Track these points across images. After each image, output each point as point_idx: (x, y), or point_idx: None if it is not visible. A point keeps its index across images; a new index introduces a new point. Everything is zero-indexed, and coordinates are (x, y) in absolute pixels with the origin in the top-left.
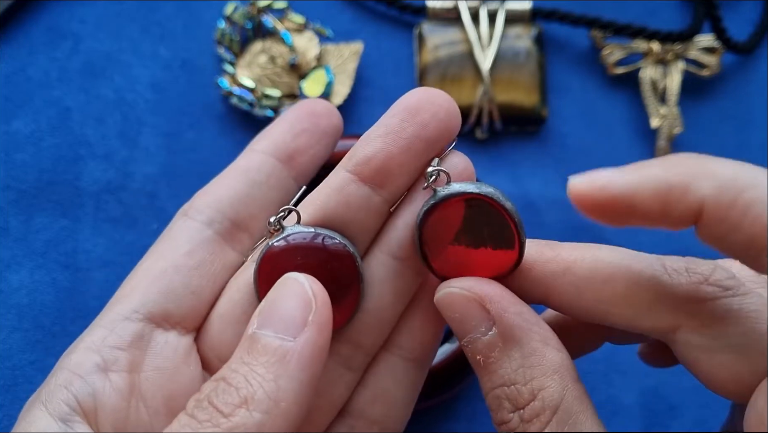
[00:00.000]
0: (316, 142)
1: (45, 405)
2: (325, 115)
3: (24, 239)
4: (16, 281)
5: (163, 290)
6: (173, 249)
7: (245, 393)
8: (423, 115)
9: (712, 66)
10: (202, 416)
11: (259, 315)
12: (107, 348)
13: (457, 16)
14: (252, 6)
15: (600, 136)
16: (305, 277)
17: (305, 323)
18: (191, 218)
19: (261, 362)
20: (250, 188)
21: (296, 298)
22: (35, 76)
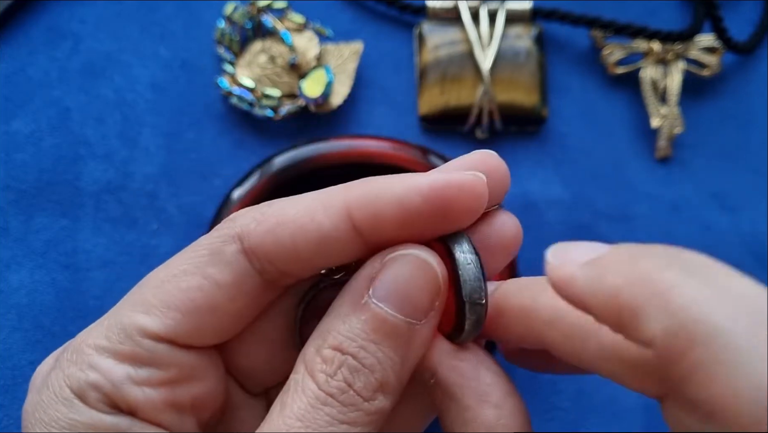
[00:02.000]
0: (419, 233)
1: (83, 400)
2: (462, 212)
3: (24, 239)
4: (16, 281)
5: (193, 326)
6: (216, 288)
7: (380, 376)
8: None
9: (712, 66)
10: (345, 399)
11: (376, 287)
12: (140, 364)
13: (457, 16)
14: (252, 6)
15: (600, 136)
16: (434, 257)
17: (432, 307)
18: (247, 257)
19: (389, 344)
20: (317, 259)
21: (428, 283)
22: (35, 76)
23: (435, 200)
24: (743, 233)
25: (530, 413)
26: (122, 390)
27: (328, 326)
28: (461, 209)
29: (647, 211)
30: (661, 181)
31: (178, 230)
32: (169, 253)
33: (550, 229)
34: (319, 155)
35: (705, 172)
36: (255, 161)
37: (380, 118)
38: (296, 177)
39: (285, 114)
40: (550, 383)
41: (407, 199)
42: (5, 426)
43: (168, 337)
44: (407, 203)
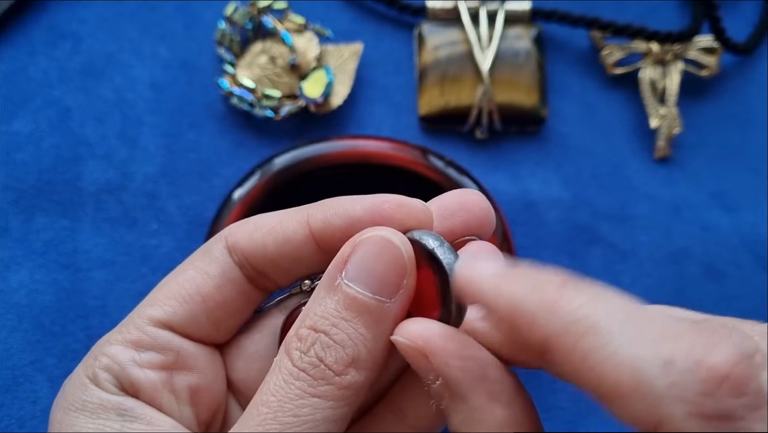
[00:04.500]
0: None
1: (94, 381)
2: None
3: (24, 239)
4: (16, 281)
5: (188, 313)
6: (206, 278)
7: (351, 352)
8: (463, 215)
9: (711, 66)
10: (315, 373)
11: (346, 269)
12: (143, 348)
13: (457, 16)
14: (252, 6)
15: (600, 136)
16: (399, 238)
17: (401, 286)
18: (229, 252)
19: (360, 321)
20: (281, 258)
21: (394, 262)
22: (35, 76)
23: (375, 214)
24: (743, 233)
25: None
26: (127, 371)
27: (307, 309)
28: (398, 227)
29: (647, 211)
30: (660, 182)
31: (178, 230)
32: (169, 253)
33: (550, 229)
34: (319, 155)
35: (704, 172)
36: (255, 161)
37: (380, 118)
38: (296, 177)
39: (285, 114)
40: (550, 382)
41: (351, 209)
42: (5, 426)
43: (167, 323)
44: (352, 213)
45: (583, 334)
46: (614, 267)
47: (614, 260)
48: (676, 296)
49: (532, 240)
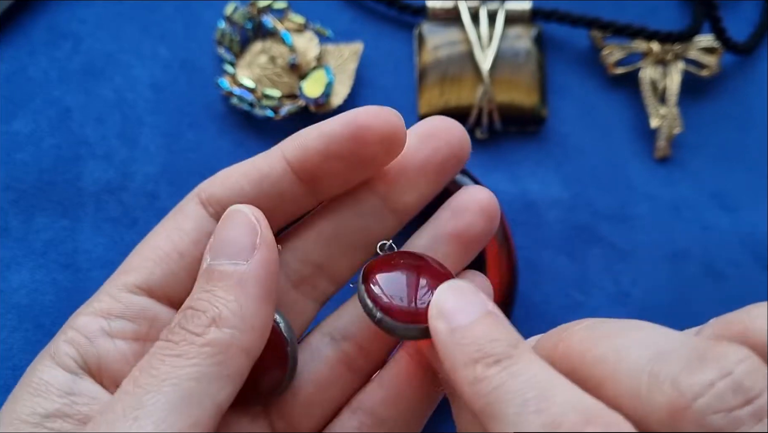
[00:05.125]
0: (348, 168)
1: (53, 358)
2: (375, 142)
3: (24, 239)
4: (16, 281)
5: (166, 273)
6: (181, 234)
7: (212, 314)
8: (437, 141)
9: (711, 66)
10: (177, 338)
11: (210, 250)
12: (114, 316)
13: (457, 16)
14: (252, 6)
15: (599, 136)
16: (246, 206)
17: (254, 246)
18: (203, 206)
19: (220, 286)
20: (259, 194)
21: (242, 226)
22: (35, 76)
23: (351, 124)
24: (743, 233)
25: None
26: (96, 343)
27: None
28: (376, 136)
29: (647, 211)
30: (660, 182)
31: None
32: None
33: (550, 229)
34: None
35: (704, 172)
36: None
37: None
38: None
39: (285, 114)
40: None
41: (327, 127)
42: None
43: (144, 286)
44: (327, 130)
45: (491, 418)
46: (614, 267)
47: (614, 260)
48: (676, 296)
49: (532, 240)
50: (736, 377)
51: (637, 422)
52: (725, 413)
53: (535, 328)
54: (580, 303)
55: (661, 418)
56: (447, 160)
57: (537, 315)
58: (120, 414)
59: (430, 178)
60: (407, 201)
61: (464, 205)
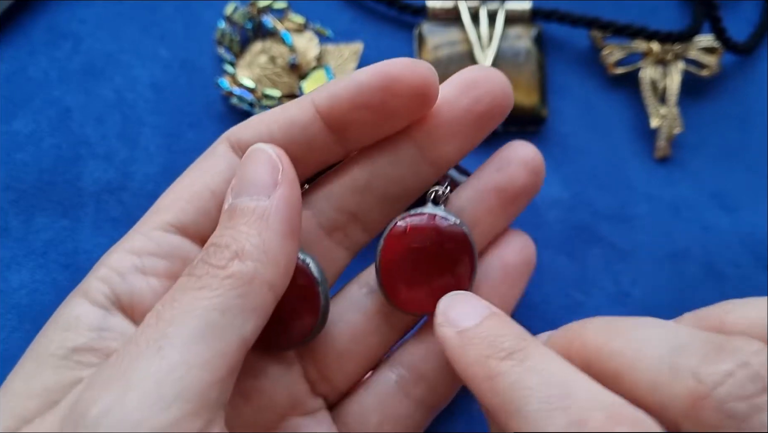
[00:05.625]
0: (378, 119)
1: (85, 295)
2: (405, 93)
3: (24, 239)
4: (16, 281)
5: (198, 211)
6: (213, 174)
7: (235, 248)
8: (478, 91)
9: (711, 66)
10: (200, 272)
11: (232, 189)
12: (146, 254)
13: (457, 16)
14: (252, 6)
15: (600, 136)
16: (267, 144)
17: (276, 183)
18: (234, 149)
19: (243, 222)
20: (289, 141)
21: (263, 164)
22: (35, 76)
23: (381, 74)
24: (743, 233)
25: None
26: (127, 280)
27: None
28: (406, 88)
29: (647, 211)
30: (660, 182)
31: None
32: None
33: (550, 229)
34: None
35: (704, 172)
36: None
37: None
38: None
39: None
40: None
41: (357, 76)
42: None
43: (177, 224)
44: (357, 79)
45: (511, 415)
46: (614, 267)
47: (614, 260)
48: (676, 296)
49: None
50: (754, 367)
51: (656, 412)
52: (745, 401)
53: (535, 328)
54: (580, 303)
55: (682, 407)
56: (488, 110)
57: (537, 315)
58: (143, 346)
59: (470, 129)
60: (446, 152)
61: (508, 159)
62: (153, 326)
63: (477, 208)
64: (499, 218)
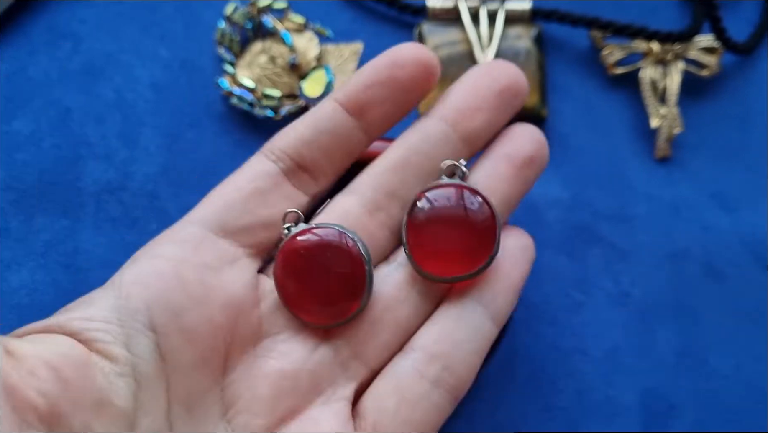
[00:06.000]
0: (391, 93)
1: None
2: (410, 65)
3: (24, 240)
4: (16, 281)
5: (221, 204)
6: (240, 175)
7: None
8: (495, 72)
9: (711, 66)
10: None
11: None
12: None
13: (457, 16)
14: (252, 6)
15: (600, 136)
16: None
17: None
18: (263, 154)
19: None
20: (316, 134)
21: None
22: (35, 77)
23: (387, 55)
24: (743, 233)
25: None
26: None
27: None
28: (409, 58)
29: (647, 211)
30: (660, 182)
31: None
32: None
33: (550, 229)
34: None
35: (704, 172)
36: None
37: None
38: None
39: (285, 114)
40: (550, 382)
41: (368, 64)
42: None
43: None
44: (368, 65)
45: None
46: (614, 267)
47: (614, 260)
48: (676, 295)
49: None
50: None
51: None
52: None
53: (535, 328)
54: (580, 303)
55: None
56: (506, 87)
57: (537, 315)
58: None
59: (493, 102)
60: (474, 126)
61: (511, 133)
62: None
63: (490, 176)
64: (512, 186)
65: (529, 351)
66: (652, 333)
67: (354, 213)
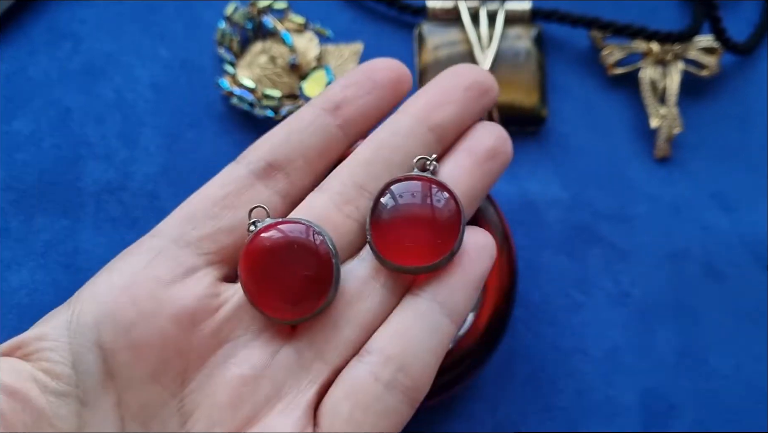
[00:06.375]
0: (366, 92)
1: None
2: (384, 70)
3: (24, 240)
4: (16, 281)
5: (183, 214)
6: (209, 184)
7: None
8: (460, 72)
9: (711, 66)
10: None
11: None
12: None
13: (457, 16)
14: (252, 6)
15: (600, 136)
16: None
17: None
18: (237, 161)
19: None
20: (289, 134)
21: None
22: (36, 77)
23: (366, 65)
24: (743, 233)
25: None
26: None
27: None
28: (383, 62)
29: (647, 211)
30: (660, 182)
31: None
32: None
33: (550, 229)
34: None
35: (704, 172)
36: None
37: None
38: None
39: (285, 114)
40: (550, 382)
41: (346, 76)
42: None
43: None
44: (347, 75)
45: None
46: (614, 267)
47: (614, 260)
48: (676, 295)
49: (531, 240)
50: None
51: None
52: None
53: (535, 328)
54: (580, 303)
55: None
56: (473, 84)
57: (537, 315)
58: None
59: (459, 95)
60: (443, 118)
61: (474, 128)
62: None
63: (453, 169)
64: (475, 179)
65: (529, 351)
66: (652, 333)
67: (322, 208)
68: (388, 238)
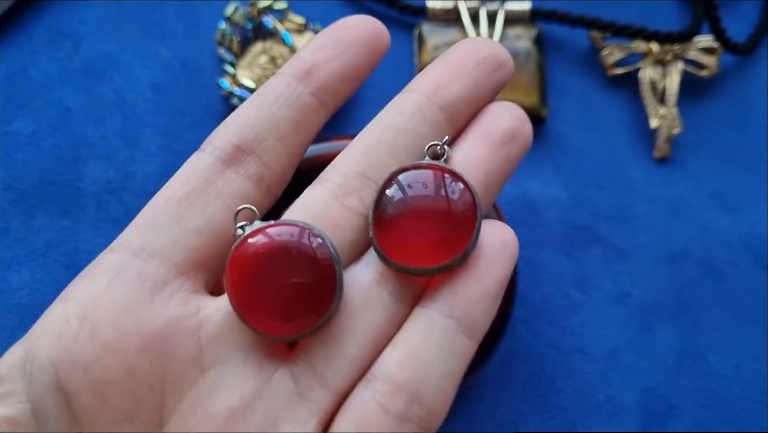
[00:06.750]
0: (340, 53)
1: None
2: (357, 27)
3: (25, 239)
4: (16, 281)
5: (143, 221)
6: (171, 182)
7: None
8: (465, 45)
9: (711, 66)
10: None
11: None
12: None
13: (457, 16)
14: (252, 7)
15: (599, 136)
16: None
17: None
18: (200, 150)
19: None
20: (257, 110)
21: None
22: (36, 77)
23: (338, 23)
24: (743, 233)
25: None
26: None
27: None
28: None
29: (647, 211)
30: (660, 182)
31: None
32: None
33: (550, 229)
34: (318, 156)
35: (704, 172)
36: None
37: None
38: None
39: None
40: (550, 382)
41: (317, 36)
42: None
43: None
44: (317, 36)
45: None
46: (614, 267)
47: (614, 260)
48: (676, 296)
49: (531, 240)
50: None
51: None
52: None
53: (535, 328)
54: (580, 303)
55: None
56: (486, 57)
57: (537, 315)
58: None
59: (472, 73)
60: (453, 95)
61: (490, 109)
62: None
63: (467, 155)
64: (493, 165)
65: (528, 351)
66: (651, 333)
67: (321, 202)
68: (394, 235)
